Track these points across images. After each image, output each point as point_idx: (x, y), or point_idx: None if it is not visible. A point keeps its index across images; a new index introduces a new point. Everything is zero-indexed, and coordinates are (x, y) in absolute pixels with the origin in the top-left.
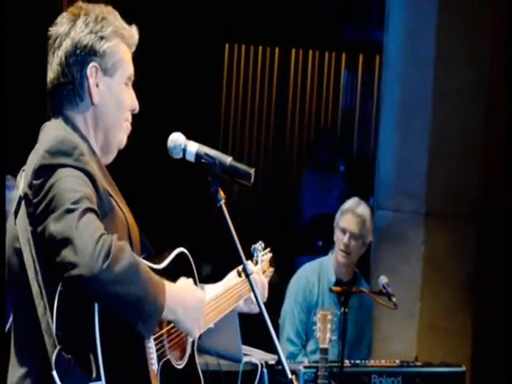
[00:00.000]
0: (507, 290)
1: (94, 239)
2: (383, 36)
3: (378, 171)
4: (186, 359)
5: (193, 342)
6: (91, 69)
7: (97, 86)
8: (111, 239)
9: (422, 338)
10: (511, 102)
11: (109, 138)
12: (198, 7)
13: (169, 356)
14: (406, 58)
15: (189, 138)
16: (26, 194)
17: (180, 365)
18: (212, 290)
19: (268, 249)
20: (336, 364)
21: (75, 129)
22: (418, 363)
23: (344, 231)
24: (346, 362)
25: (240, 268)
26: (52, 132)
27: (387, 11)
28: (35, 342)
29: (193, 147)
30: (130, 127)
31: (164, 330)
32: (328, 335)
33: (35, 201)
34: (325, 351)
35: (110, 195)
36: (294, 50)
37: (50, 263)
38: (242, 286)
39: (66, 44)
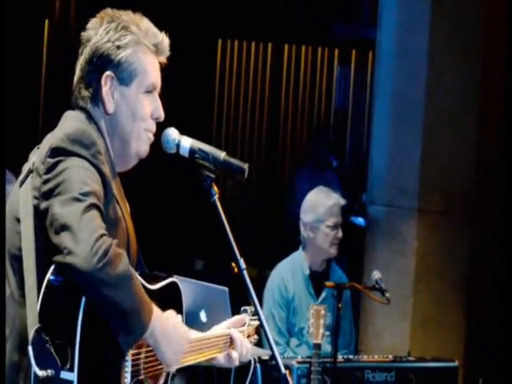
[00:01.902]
0: (500, 285)
1: (95, 236)
2: (376, 32)
3: (371, 167)
4: None
5: (167, 375)
6: (106, 78)
7: (112, 95)
8: (111, 242)
9: (414, 334)
10: (505, 98)
11: (125, 147)
12: (191, 3)
13: (142, 377)
14: (399, 54)
15: (182, 133)
16: (37, 168)
17: None
18: (196, 334)
19: (256, 316)
20: (329, 359)
21: (95, 128)
22: (410, 358)
23: (335, 226)
24: (339, 358)
25: (248, 311)
26: (74, 122)
27: (380, 7)
28: (16, 313)
29: (187, 142)
30: (151, 137)
31: (143, 350)
32: (321, 330)
33: (45, 177)
34: (318, 347)
35: (118, 203)
36: (286, 46)
37: (47, 240)
38: (227, 339)
39: (87, 51)
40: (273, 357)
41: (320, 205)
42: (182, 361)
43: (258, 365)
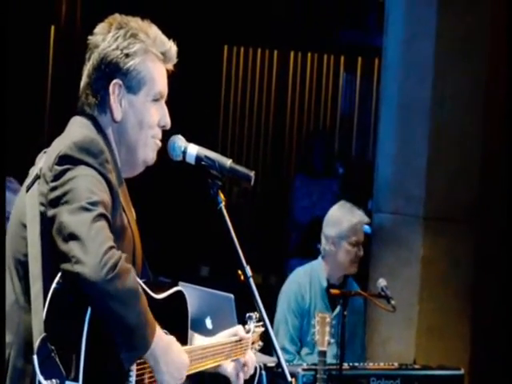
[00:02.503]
0: (505, 293)
1: (105, 248)
2: (382, 39)
3: (377, 174)
4: None
5: None
6: (114, 85)
7: (120, 103)
8: (120, 256)
9: (420, 341)
10: (510, 106)
11: (131, 154)
12: (198, 10)
13: None
14: (405, 61)
15: (188, 140)
16: (44, 174)
17: None
18: (202, 340)
19: (261, 322)
20: (335, 367)
21: (104, 136)
22: (416, 366)
23: (357, 244)
24: (345, 365)
25: (253, 317)
26: (82, 129)
27: (386, 15)
28: (20, 318)
29: (193, 150)
30: (159, 144)
31: (147, 364)
32: (326, 338)
33: (52, 184)
34: (323, 354)
35: (124, 212)
36: (292, 53)
37: (54, 248)
38: (234, 348)
39: (94, 57)
40: (279, 364)
41: (344, 221)
42: (187, 371)
43: (263, 372)
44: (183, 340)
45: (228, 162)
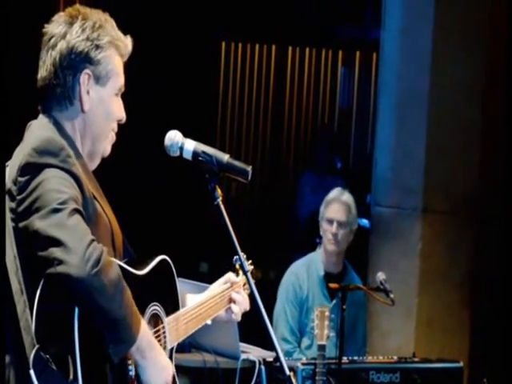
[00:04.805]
0: (504, 285)
1: (85, 243)
2: (380, 33)
3: (376, 168)
4: None
5: (173, 377)
6: (84, 76)
7: (88, 93)
8: (102, 249)
9: (419, 334)
10: (509, 98)
11: (95, 145)
12: (195, 5)
13: None
14: (403, 55)
15: (186, 135)
16: (9, 190)
17: None
18: (194, 299)
19: (250, 261)
20: (334, 361)
21: (62, 131)
22: (415, 359)
23: (331, 221)
24: (344, 359)
25: (237, 265)
26: (39, 131)
27: (384, 8)
28: (15, 337)
29: (190, 145)
30: (114, 137)
31: None
32: (326, 332)
33: (19, 197)
34: (322, 348)
35: (96, 199)
36: (290, 48)
37: (32, 260)
38: (224, 296)
39: (61, 46)
40: (277, 358)
41: (324, 201)
42: (185, 332)
43: (262, 367)
44: (175, 306)
45: (225, 157)
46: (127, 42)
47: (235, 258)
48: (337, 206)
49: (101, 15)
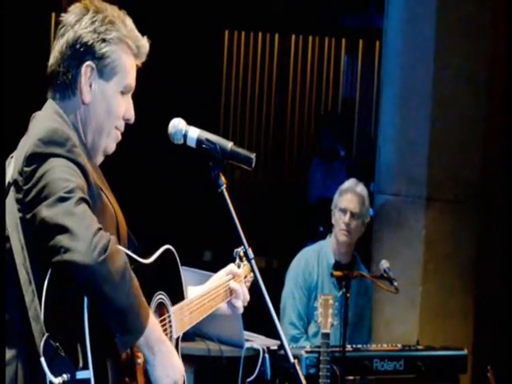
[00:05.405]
0: (508, 273)
1: (93, 231)
2: (383, 22)
3: (379, 156)
4: None
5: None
6: (86, 67)
7: (90, 86)
8: (109, 237)
9: (423, 322)
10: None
11: (96, 140)
12: None
13: None
14: (406, 43)
15: (190, 123)
16: (15, 181)
17: None
18: (196, 290)
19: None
20: (338, 349)
21: (67, 122)
22: (419, 347)
23: (344, 211)
24: (348, 347)
25: (241, 252)
26: (44, 122)
27: None
28: (23, 328)
29: (194, 133)
30: (119, 137)
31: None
32: (329, 320)
33: (26, 187)
34: (326, 336)
35: (100, 189)
36: (293, 36)
37: (40, 249)
38: (226, 288)
39: (69, 35)
40: (281, 346)
41: (338, 190)
42: (189, 323)
43: (266, 355)
44: (180, 295)
45: (229, 145)
46: (143, 43)
47: (235, 251)
48: (350, 196)
49: (115, 12)
